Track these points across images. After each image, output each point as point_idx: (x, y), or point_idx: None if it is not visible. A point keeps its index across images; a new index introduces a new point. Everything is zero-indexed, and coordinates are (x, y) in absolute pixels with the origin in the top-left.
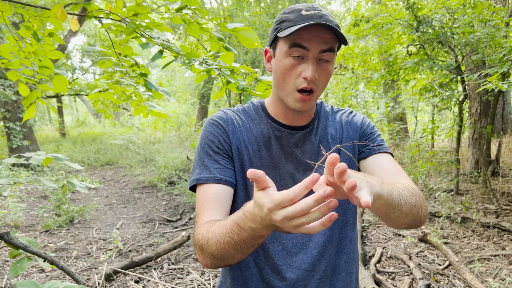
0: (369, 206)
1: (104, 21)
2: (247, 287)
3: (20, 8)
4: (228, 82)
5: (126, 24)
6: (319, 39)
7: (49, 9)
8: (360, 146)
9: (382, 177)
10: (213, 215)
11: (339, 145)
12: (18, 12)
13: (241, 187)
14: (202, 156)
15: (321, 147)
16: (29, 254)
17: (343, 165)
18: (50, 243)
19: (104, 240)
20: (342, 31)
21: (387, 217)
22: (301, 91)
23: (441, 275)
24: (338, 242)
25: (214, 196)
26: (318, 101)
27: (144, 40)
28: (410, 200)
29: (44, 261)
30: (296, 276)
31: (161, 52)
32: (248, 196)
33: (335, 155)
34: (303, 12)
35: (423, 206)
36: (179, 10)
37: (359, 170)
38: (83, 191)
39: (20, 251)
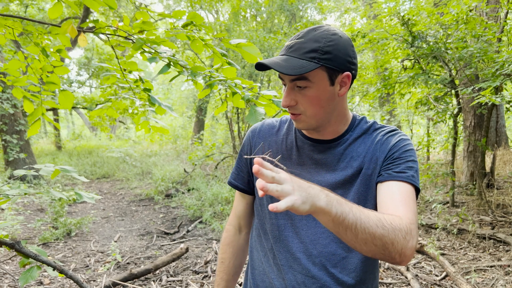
0: (273, 210)
1: (103, 36)
2: (256, 282)
3: (30, 25)
4: (234, 93)
5: (132, 40)
6: None
7: (59, 26)
8: (382, 167)
9: (382, 205)
10: (232, 218)
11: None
12: (28, 29)
13: (257, 191)
14: (235, 161)
15: (245, 156)
16: (38, 263)
17: (255, 167)
18: (48, 256)
19: (102, 252)
20: (315, 55)
21: (341, 236)
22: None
23: (438, 286)
24: (344, 259)
25: (235, 199)
26: (360, 117)
27: (148, 56)
28: (374, 230)
29: (54, 269)
30: (295, 278)
31: (168, 65)
32: (261, 200)
33: (259, 160)
34: (287, 43)
35: (399, 244)
36: (185, 26)
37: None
38: (90, 201)
39: (30, 260)
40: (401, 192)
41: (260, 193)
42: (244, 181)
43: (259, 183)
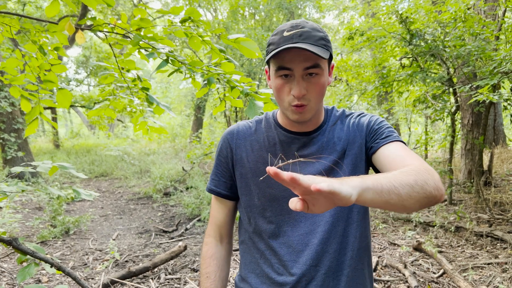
0: (316, 190)
1: (101, 34)
2: (255, 286)
3: (27, 22)
4: (233, 88)
5: (129, 38)
6: (301, 57)
7: (56, 23)
8: (368, 143)
9: (388, 166)
10: (211, 228)
11: (302, 159)
12: (25, 27)
13: (245, 193)
14: (213, 165)
15: (269, 155)
16: (36, 260)
17: (273, 170)
18: (46, 254)
19: (100, 250)
20: (325, 43)
21: (390, 204)
22: (293, 105)
23: (436, 283)
24: (342, 239)
25: (212, 208)
26: (330, 107)
27: (146, 53)
28: (407, 180)
29: (51, 267)
30: (301, 271)
31: (166, 61)
32: (250, 201)
33: (273, 169)
34: (285, 34)
35: (429, 180)
36: (183, 21)
37: (367, 169)
38: (88, 198)
39: (28, 256)
40: (398, 149)
41: (298, 206)
42: (227, 186)
43: (289, 174)
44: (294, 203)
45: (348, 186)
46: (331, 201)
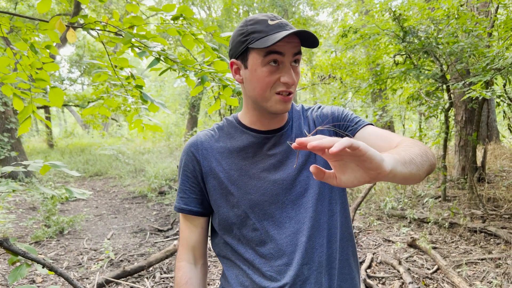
0: (333, 151)
1: (93, 33)
2: None
3: (18, 21)
4: (225, 86)
5: (122, 36)
6: (291, 44)
7: (47, 21)
8: (338, 133)
9: (375, 148)
10: (183, 251)
11: (320, 127)
12: (16, 25)
13: (222, 204)
14: (179, 183)
15: (289, 142)
16: (28, 261)
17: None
18: (40, 254)
19: (95, 250)
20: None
21: (411, 175)
22: (279, 93)
23: (430, 279)
24: (327, 232)
25: (182, 230)
26: None
27: (138, 51)
28: (415, 151)
29: (43, 267)
30: (294, 272)
31: (157, 59)
32: (229, 211)
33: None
34: (270, 22)
35: (427, 149)
36: (174, 19)
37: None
38: (81, 197)
39: (19, 257)
40: (375, 130)
41: (315, 168)
42: (198, 202)
43: (340, 143)
44: (314, 167)
45: (381, 155)
46: (362, 167)
